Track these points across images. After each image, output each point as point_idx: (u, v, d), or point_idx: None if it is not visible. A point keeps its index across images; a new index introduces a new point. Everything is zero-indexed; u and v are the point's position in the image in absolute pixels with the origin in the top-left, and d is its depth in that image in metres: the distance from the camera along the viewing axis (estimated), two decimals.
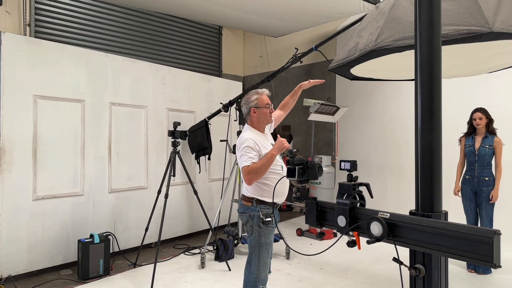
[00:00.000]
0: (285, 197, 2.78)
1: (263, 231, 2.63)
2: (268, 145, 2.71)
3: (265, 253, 2.63)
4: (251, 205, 2.67)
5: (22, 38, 4.03)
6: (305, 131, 8.45)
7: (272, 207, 2.66)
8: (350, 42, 3.11)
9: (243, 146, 2.61)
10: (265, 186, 2.66)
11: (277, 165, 2.68)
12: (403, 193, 6.44)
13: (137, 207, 4.96)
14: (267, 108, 2.75)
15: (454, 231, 1.54)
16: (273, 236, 2.72)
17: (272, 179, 2.65)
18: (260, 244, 2.62)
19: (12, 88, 3.83)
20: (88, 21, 6.84)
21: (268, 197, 2.65)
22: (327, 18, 6.58)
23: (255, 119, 2.77)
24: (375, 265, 4.48)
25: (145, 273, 4.17)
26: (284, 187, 2.74)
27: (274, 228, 2.69)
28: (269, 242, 2.65)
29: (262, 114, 2.74)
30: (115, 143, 4.71)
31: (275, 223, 2.69)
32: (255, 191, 2.68)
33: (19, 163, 3.88)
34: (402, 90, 6.48)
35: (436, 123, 1.76)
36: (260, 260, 2.62)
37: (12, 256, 3.84)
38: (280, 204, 2.84)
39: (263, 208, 2.64)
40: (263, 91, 2.79)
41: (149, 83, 5.13)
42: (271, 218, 2.63)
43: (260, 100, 2.74)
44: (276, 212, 2.74)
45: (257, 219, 2.63)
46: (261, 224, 2.62)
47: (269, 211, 2.65)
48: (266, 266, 2.66)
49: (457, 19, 2.39)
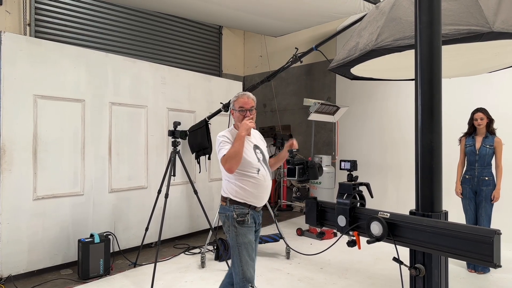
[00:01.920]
0: (262, 200, 2.72)
1: (239, 230, 2.61)
2: (248, 147, 2.67)
3: (245, 252, 2.60)
4: (225, 205, 2.67)
5: (22, 38, 4.03)
6: (305, 131, 8.45)
7: (248, 207, 2.63)
8: (350, 42, 3.11)
9: (218, 143, 2.65)
10: (238, 188, 2.63)
11: (252, 167, 2.63)
12: (403, 193, 6.44)
13: (137, 207, 4.96)
14: (240, 112, 2.70)
15: (455, 231, 1.54)
16: (252, 236, 2.68)
17: (244, 181, 2.62)
18: (238, 244, 2.61)
19: (12, 88, 3.83)
20: (88, 20, 6.84)
21: (241, 199, 2.62)
22: (327, 18, 6.58)
23: (235, 120, 2.76)
24: (375, 265, 4.49)
25: (145, 273, 4.17)
26: (260, 190, 2.67)
27: (251, 228, 2.66)
28: (247, 242, 2.62)
29: (236, 117, 2.73)
30: (115, 143, 4.71)
31: (255, 224, 2.69)
32: (229, 191, 2.67)
33: (19, 163, 3.88)
34: (402, 90, 6.48)
35: (436, 123, 1.76)
36: (242, 259, 2.59)
37: (13, 256, 3.84)
38: (258, 207, 2.74)
39: (237, 208, 2.62)
40: (243, 94, 2.75)
41: (149, 83, 5.13)
42: (245, 218, 2.61)
43: (236, 103, 2.73)
44: (255, 213, 2.70)
45: (232, 219, 2.62)
46: (236, 224, 2.60)
47: (243, 211, 2.62)
48: (249, 265, 2.63)
49: (457, 18, 2.39)
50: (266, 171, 2.71)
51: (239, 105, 2.70)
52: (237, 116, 2.72)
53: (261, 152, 2.78)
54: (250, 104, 2.72)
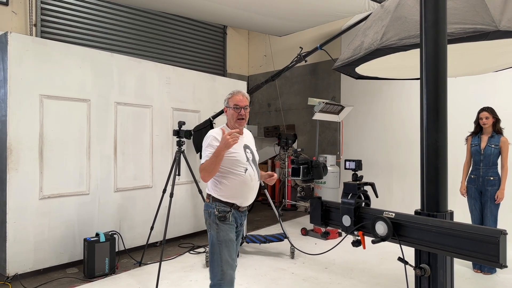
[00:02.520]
0: (247, 200, 2.67)
1: (221, 227, 2.56)
2: (238, 146, 2.59)
3: (225, 251, 2.54)
4: (208, 202, 2.64)
5: (28, 38, 4.05)
6: (310, 131, 8.44)
7: (230, 206, 2.59)
8: (355, 41, 3.10)
9: (205, 142, 2.60)
10: (220, 185, 2.59)
11: (240, 166, 2.59)
12: (409, 192, 6.41)
13: (143, 206, 4.98)
14: (234, 110, 2.65)
15: (460, 231, 1.54)
16: (234, 235, 2.62)
17: (230, 179, 2.57)
18: (219, 242, 2.54)
19: (19, 88, 3.86)
20: (93, 21, 6.87)
21: (224, 197, 2.58)
22: (332, 17, 6.57)
23: (228, 118, 2.72)
24: (380, 265, 4.47)
25: (151, 272, 4.19)
26: (245, 190, 2.62)
27: (232, 226, 2.61)
28: (228, 240, 2.56)
29: (230, 114, 2.68)
30: (120, 142, 4.74)
31: (236, 224, 2.64)
32: (212, 189, 2.63)
33: (25, 163, 3.90)
34: (407, 89, 6.45)
35: (442, 122, 1.75)
36: (222, 258, 2.52)
37: (19, 255, 3.87)
38: (243, 207, 2.68)
39: (219, 206, 2.58)
40: (238, 92, 2.70)
41: (154, 82, 5.14)
42: (226, 215, 2.56)
43: (231, 100, 2.68)
44: (238, 213, 2.65)
45: (213, 216, 2.58)
46: (217, 220, 2.56)
47: (225, 208, 2.58)
48: (229, 265, 2.55)
49: (463, 17, 2.38)
50: (254, 171, 2.68)
51: (233, 102, 2.65)
52: (231, 114, 2.67)
53: (251, 152, 2.74)
54: (245, 102, 2.68)
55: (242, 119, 2.67)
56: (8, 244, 3.79)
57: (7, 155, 3.77)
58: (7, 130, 3.78)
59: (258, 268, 4.32)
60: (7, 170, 3.77)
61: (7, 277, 3.79)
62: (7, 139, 3.78)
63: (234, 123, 2.68)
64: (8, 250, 3.79)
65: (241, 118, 2.66)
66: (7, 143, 3.77)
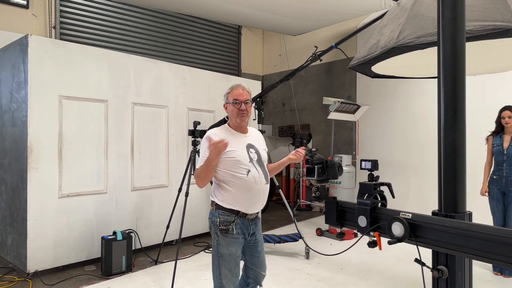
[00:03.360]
0: (253, 206, 2.41)
1: (221, 240, 2.33)
2: (239, 146, 2.40)
3: (225, 265, 2.32)
4: (212, 210, 2.43)
5: (47, 40, 4.15)
6: (325, 130, 8.39)
7: (235, 214, 2.36)
8: (371, 39, 3.06)
9: (202, 144, 2.41)
10: (222, 190, 2.38)
11: (241, 167, 2.35)
12: (426, 193, 6.30)
13: (159, 205, 5.04)
14: (234, 105, 2.42)
15: (480, 232, 1.50)
16: (236, 248, 2.37)
17: (231, 183, 2.35)
18: (219, 255, 2.33)
19: (39, 89, 3.95)
20: (110, 22, 6.98)
21: (226, 203, 2.36)
22: (348, 16, 6.52)
23: (229, 114, 2.50)
24: (397, 266, 4.42)
25: (166, 270, 4.23)
26: (250, 195, 2.37)
27: (236, 239, 2.35)
28: (228, 254, 2.33)
29: (230, 110, 2.46)
30: (137, 142, 4.80)
31: (244, 235, 2.41)
32: (214, 194, 2.42)
33: (45, 162, 3.99)
34: (425, 88, 6.35)
35: (460, 121, 1.72)
36: (221, 272, 2.32)
37: (39, 252, 3.97)
38: (251, 214, 2.42)
39: (222, 214, 2.35)
40: (238, 85, 2.47)
41: (170, 83, 5.19)
42: (228, 227, 2.33)
43: (230, 95, 2.46)
44: (245, 221, 2.41)
45: (215, 226, 2.36)
46: (218, 232, 2.34)
47: (228, 218, 2.34)
48: (229, 279, 2.33)
49: (482, 14, 2.33)
50: (260, 173, 2.41)
51: (233, 97, 2.43)
52: (230, 110, 2.45)
53: (256, 152, 2.48)
54: (245, 96, 2.44)
55: (244, 114, 2.43)
56: (28, 242, 3.88)
57: (27, 155, 3.86)
58: (27, 130, 3.87)
59: (273, 268, 4.32)
60: (27, 169, 3.86)
61: (28, 273, 3.89)
62: (28, 139, 3.87)
63: (235, 119, 2.45)
64: (28, 247, 3.88)
65: (242, 113, 2.43)
66: (27, 143, 3.87)
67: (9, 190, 4.23)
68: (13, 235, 4.16)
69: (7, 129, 4.29)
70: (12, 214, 4.17)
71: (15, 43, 4.12)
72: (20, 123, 3.99)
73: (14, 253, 4.15)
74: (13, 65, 4.13)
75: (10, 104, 4.18)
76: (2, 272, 4.09)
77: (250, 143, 2.49)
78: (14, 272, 4.10)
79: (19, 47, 4.01)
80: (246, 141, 2.48)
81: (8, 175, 4.26)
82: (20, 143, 4.00)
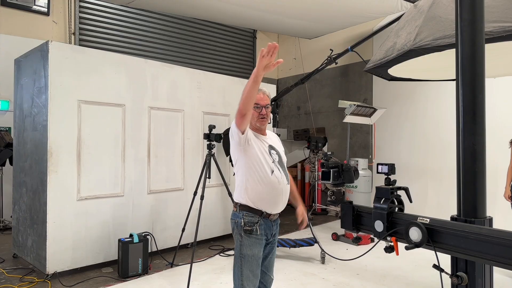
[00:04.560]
0: (277, 206, 2.45)
1: (245, 241, 2.36)
2: (263, 146, 2.42)
3: (247, 266, 2.34)
4: (235, 211, 2.45)
5: (67, 46, 4.24)
6: (341, 134, 8.32)
7: (259, 215, 2.38)
8: (387, 42, 3.04)
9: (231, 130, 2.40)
10: (247, 190, 2.39)
11: (265, 167, 2.37)
12: (445, 197, 6.18)
13: (174, 208, 5.08)
14: (254, 109, 2.42)
15: (501, 238, 1.47)
16: (259, 249, 2.40)
17: (257, 184, 2.37)
18: (242, 255, 2.36)
19: (59, 94, 4.04)
20: (128, 28, 7.11)
21: (251, 202, 2.38)
22: (363, 18, 6.47)
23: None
24: (414, 272, 4.33)
25: (182, 273, 4.26)
26: (274, 194, 2.40)
27: (259, 240, 2.39)
28: (251, 255, 2.35)
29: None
30: (153, 146, 4.86)
31: (266, 236, 2.43)
32: (239, 195, 2.43)
33: (64, 165, 4.07)
34: (443, 91, 6.24)
35: (479, 125, 1.68)
36: (243, 273, 2.34)
37: (58, 254, 4.04)
38: (274, 214, 2.46)
39: (246, 215, 2.37)
40: (259, 90, 2.46)
41: (186, 87, 5.24)
42: (253, 228, 2.35)
43: None
44: (268, 222, 2.43)
45: (239, 226, 2.38)
46: (242, 232, 2.36)
47: (253, 219, 2.37)
48: (250, 280, 2.35)
49: (502, 15, 2.28)
50: (282, 174, 2.46)
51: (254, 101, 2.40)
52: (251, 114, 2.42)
53: (277, 154, 2.52)
54: (266, 101, 2.47)
55: (264, 118, 2.47)
56: (48, 243, 3.96)
57: (47, 158, 3.95)
58: (47, 134, 3.96)
59: (288, 273, 4.29)
60: (47, 172, 3.95)
61: (47, 274, 3.96)
62: (48, 142, 3.96)
63: (255, 123, 2.47)
64: (48, 249, 3.96)
65: (262, 117, 2.46)
66: (47, 147, 3.95)
67: (30, 193, 4.33)
68: (33, 236, 4.25)
69: (28, 133, 4.40)
70: (32, 216, 4.27)
71: (36, 49, 4.23)
72: (41, 127, 4.08)
73: (34, 254, 4.24)
74: (34, 71, 4.24)
75: (31, 109, 4.29)
76: (23, 273, 4.18)
77: (271, 144, 2.53)
78: (34, 273, 4.18)
79: (40, 53, 4.12)
80: (267, 143, 2.50)
81: (28, 178, 4.37)
82: (40, 146, 4.09)
